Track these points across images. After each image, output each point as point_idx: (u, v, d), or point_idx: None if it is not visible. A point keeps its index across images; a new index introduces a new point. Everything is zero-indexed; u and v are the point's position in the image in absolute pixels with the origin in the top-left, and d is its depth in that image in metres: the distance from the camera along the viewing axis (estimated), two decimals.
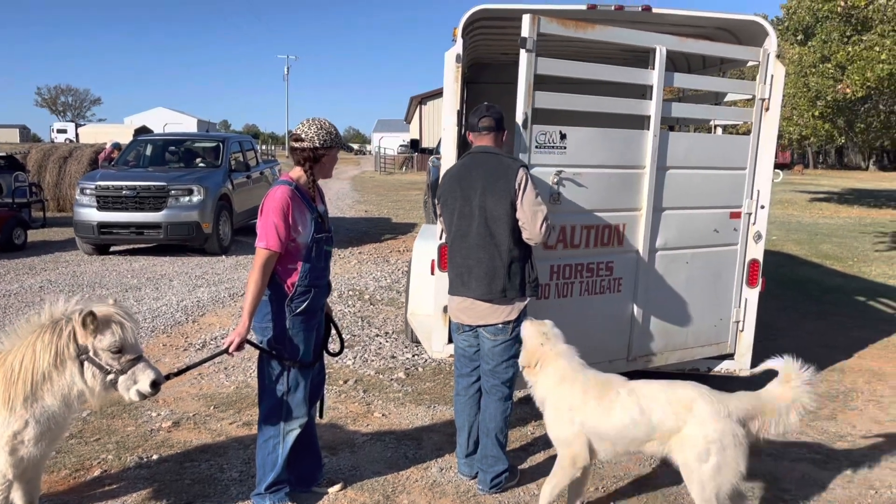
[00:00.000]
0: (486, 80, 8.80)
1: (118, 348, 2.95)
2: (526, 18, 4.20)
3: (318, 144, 3.37)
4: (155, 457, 4.27)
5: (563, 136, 4.47)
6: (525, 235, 3.70)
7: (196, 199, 11.09)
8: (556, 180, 4.40)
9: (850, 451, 4.58)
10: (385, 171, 41.46)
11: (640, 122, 5.08)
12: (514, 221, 3.68)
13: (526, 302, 3.80)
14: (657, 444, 3.32)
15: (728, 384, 5.62)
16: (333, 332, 3.85)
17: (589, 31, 4.57)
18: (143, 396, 3.01)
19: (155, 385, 3.01)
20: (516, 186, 3.66)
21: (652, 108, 4.78)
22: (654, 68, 4.74)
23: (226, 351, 3.29)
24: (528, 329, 3.58)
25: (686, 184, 4.98)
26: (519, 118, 4.24)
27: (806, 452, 4.53)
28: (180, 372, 3.49)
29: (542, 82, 4.47)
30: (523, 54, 4.25)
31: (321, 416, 3.92)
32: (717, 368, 5.29)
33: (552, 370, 3.47)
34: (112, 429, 4.67)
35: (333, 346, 3.92)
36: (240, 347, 3.30)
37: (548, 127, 4.41)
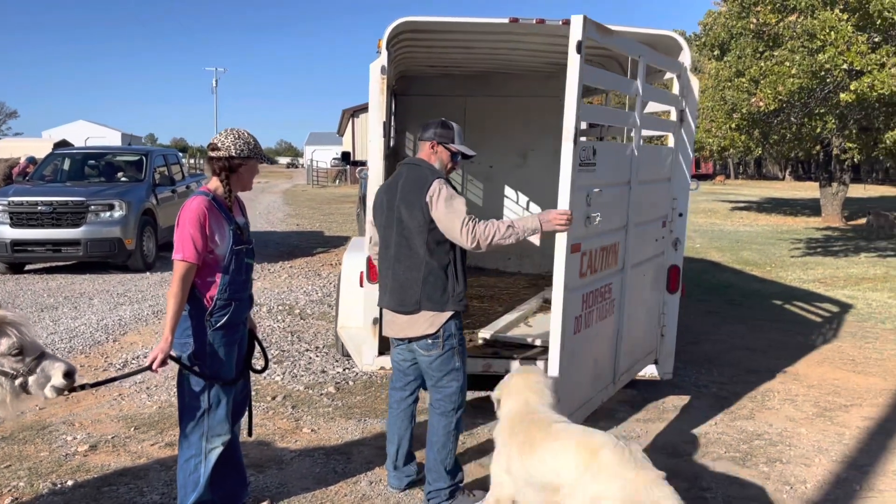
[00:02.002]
0: (414, 93, 8.85)
1: (18, 349, 2.83)
2: (578, 20, 3.74)
3: (233, 153, 3.31)
4: (70, 482, 4.08)
5: (594, 152, 4.17)
6: (459, 245, 3.62)
7: (118, 214, 10.72)
8: (589, 202, 4.10)
9: (767, 448, 4.75)
10: (318, 185, 41.04)
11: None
12: (429, 233, 3.63)
13: (447, 315, 3.68)
14: (564, 495, 2.91)
15: (651, 388, 5.78)
16: (258, 348, 3.77)
17: (608, 38, 4.23)
18: (59, 391, 2.91)
19: (69, 375, 2.91)
20: (428, 199, 3.59)
21: (636, 119, 4.63)
22: (637, 78, 4.58)
23: (149, 367, 3.19)
24: (513, 373, 3.54)
25: (645, 196, 4.93)
26: (568, 132, 3.79)
27: (725, 451, 4.68)
28: (99, 383, 3.39)
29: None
30: (575, 58, 3.74)
31: (249, 434, 3.83)
32: (640, 373, 5.41)
33: (503, 419, 3.40)
34: (24, 454, 4.44)
35: (259, 362, 3.83)
36: (164, 364, 3.20)
37: (587, 142, 4.15)
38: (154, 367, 3.16)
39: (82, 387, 3.07)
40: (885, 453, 4.73)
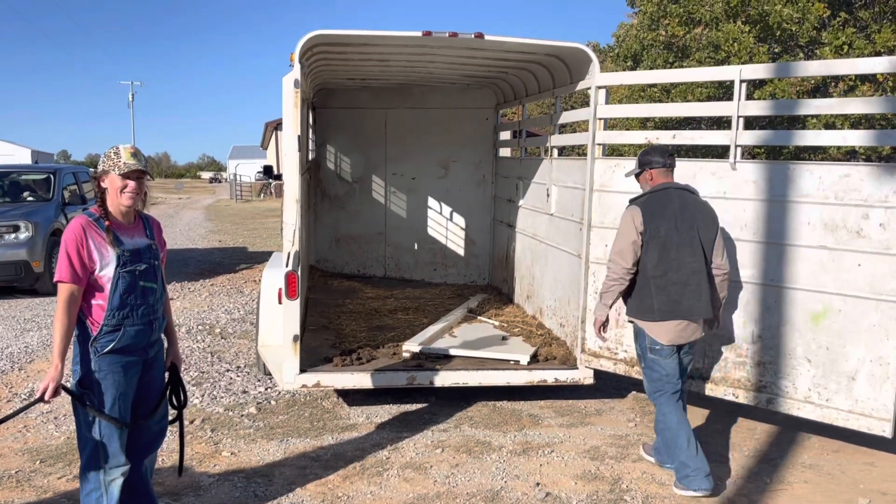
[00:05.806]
0: (334, 105, 8.80)
1: None
2: None
3: (97, 171, 3.22)
4: None
5: None
6: (719, 264, 4.27)
7: (23, 235, 10.19)
8: None
9: None
10: (242, 199, 40.20)
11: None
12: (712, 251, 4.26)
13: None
14: None
15: (573, 393, 5.87)
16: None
17: None
18: None
19: None
20: (720, 223, 4.31)
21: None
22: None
23: (41, 399, 3.01)
24: None
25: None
26: None
27: (646, 453, 4.78)
28: None
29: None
30: None
31: (179, 475, 3.72)
32: (563, 378, 5.48)
33: None
34: None
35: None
36: (56, 393, 3.03)
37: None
38: (46, 397, 3.00)
39: None
40: (794, 446, 4.94)
